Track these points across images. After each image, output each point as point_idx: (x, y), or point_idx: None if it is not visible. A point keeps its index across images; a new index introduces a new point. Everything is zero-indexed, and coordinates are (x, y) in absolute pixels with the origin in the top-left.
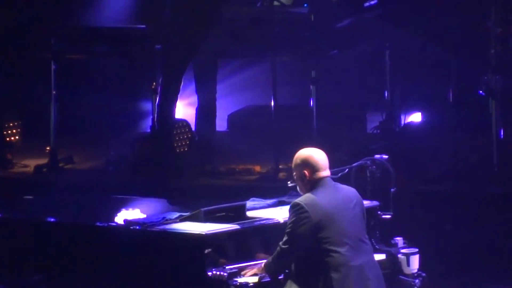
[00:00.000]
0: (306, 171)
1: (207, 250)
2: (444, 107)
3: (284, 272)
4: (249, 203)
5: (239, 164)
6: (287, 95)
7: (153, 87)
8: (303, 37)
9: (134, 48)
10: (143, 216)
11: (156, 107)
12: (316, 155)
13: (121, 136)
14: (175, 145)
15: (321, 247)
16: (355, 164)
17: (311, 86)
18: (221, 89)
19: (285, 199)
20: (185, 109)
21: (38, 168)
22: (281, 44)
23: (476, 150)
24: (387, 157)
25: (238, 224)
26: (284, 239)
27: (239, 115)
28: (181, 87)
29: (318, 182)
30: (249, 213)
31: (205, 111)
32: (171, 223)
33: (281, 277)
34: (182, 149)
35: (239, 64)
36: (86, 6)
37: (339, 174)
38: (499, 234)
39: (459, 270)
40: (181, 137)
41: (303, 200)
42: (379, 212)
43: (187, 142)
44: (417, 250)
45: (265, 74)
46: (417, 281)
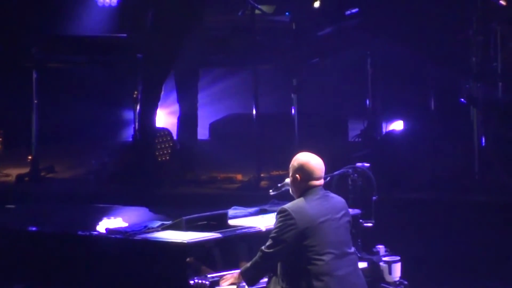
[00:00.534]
0: (299, 176)
1: (188, 259)
2: (426, 115)
3: (261, 279)
4: (231, 212)
5: (221, 172)
6: (268, 103)
7: (134, 96)
8: (285, 45)
9: (115, 57)
10: (125, 225)
11: (137, 116)
12: (313, 162)
13: (102, 145)
14: (157, 153)
15: (305, 255)
16: (336, 173)
17: (292, 95)
18: (202, 97)
19: (267, 207)
20: (167, 118)
21: (20, 177)
22: (262, 52)
23: (457, 158)
24: (368, 165)
25: (220, 233)
26: (268, 243)
27: (220, 123)
28: (161, 95)
29: (309, 189)
30: (231, 222)
31: (187, 120)
32: (153, 231)
33: (259, 286)
34: (163, 158)
35: (220, 73)
36: (67, 15)
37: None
38: (480, 242)
39: (441, 278)
40: (162, 145)
41: (291, 206)
42: (360, 220)
43: (169, 151)
44: (399, 258)
45: (246, 82)
46: None
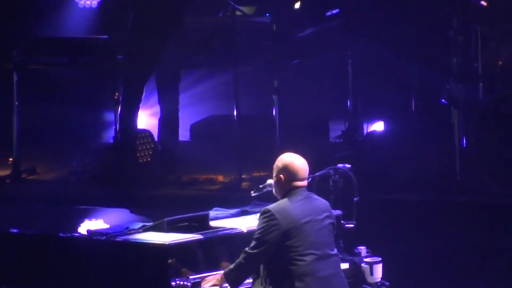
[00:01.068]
0: (283, 176)
1: (170, 260)
2: (407, 116)
3: (244, 281)
4: (212, 213)
5: (202, 174)
6: (249, 104)
7: (115, 97)
8: (266, 46)
9: (96, 59)
10: (106, 226)
11: (119, 117)
12: (297, 163)
13: (84, 147)
14: (138, 155)
15: (287, 255)
16: (318, 174)
17: (273, 96)
18: (184, 99)
19: (248, 208)
20: (148, 119)
21: (1, 179)
22: (243, 54)
23: (438, 159)
24: (350, 166)
25: (201, 234)
26: (252, 244)
27: (201, 125)
28: (143, 97)
29: (292, 190)
30: (212, 223)
31: (168, 121)
32: (134, 233)
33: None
34: (145, 159)
35: (201, 74)
36: (48, 17)
37: None
38: (461, 243)
39: (422, 278)
40: (143, 147)
41: (274, 207)
42: (342, 221)
43: (150, 152)
44: (380, 259)
45: (227, 84)
46: None
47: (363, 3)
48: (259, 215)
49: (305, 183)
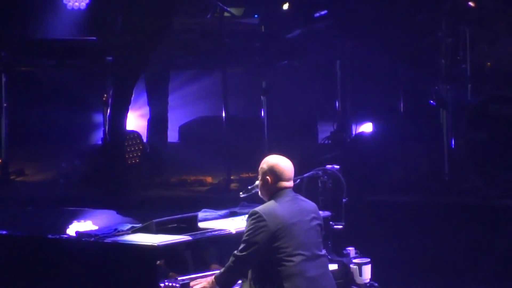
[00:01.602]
0: (270, 178)
1: (159, 262)
2: (395, 117)
3: (235, 284)
4: (200, 214)
5: (191, 175)
6: (238, 106)
7: (104, 99)
8: (254, 48)
9: (85, 60)
10: (95, 228)
11: (107, 119)
12: (283, 164)
13: (72, 148)
14: (127, 156)
15: (275, 256)
16: (306, 175)
17: (262, 97)
18: (172, 100)
19: (236, 210)
20: (137, 121)
21: None
22: (232, 55)
23: (427, 160)
24: (338, 167)
25: (190, 235)
26: (241, 247)
27: (190, 126)
28: (132, 98)
29: (279, 191)
30: (201, 224)
31: (157, 123)
32: (123, 234)
33: None
34: (133, 161)
35: (190, 76)
36: (36, 19)
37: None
38: (450, 243)
39: (411, 279)
40: (132, 148)
41: (262, 209)
42: (331, 223)
43: (139, 154)
44: (369, 260)
45: (216, 85)
46: None
47: (351, 4)
48: (247, 217)
49: (291, 183)
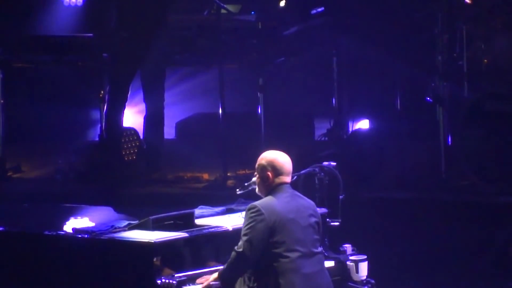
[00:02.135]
0: (270, 173)
1: (156, 258)
2: (392, 114)
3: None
4: (197, 211)
5: (187, 172)
6: (235, 102)
7: (101, 95)
8: (251, 44)
9: (81, 57)
10: (91, 224)
11: (104, 115)
12: (282, 159)
13: (69, 145)
14: (123, 153)
15: (272, 251)
16: (303, 172)
17: (258, 94)
18: (169, 96)
19: (233, 207)
20: (134, 117)
21: None
22: (228, 52)
23: (423, 157)
24: (335, 164)
25: (186, 232)
26: (241, 242)
27: (187, 123)
28: (128, 95)
29: (278, 186)
30: (198, 221)
31: (153, 119)
32: (119, 231)
33: None
34: (130, 157)
35: (187, 72)
36: (33, 15)
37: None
38: (446, 241)
39: (408, 276)
40: (129, 145)
41: (260, 203)
42: (327, 219)
43: (135, 150)
44: (365, 257)
45: (212, 81)
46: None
47: (348, 1)
48: (245, 211)
49: (289, 179)
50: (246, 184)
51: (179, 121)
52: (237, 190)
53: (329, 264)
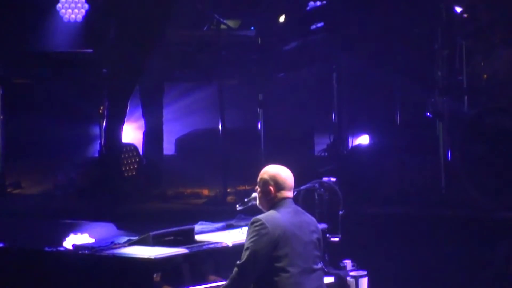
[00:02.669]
0: (272, 188)
1: (155, 274)
2: (392, 129)
3: None
4: (197, 227)
5: (187, 187)
6: (234, 118)
7: (100, 111)
8: (250, 60)
9: (81, 72)
10: (91, 240)
11: (103, 131)
12: (284, 174)
13: (69, 161)
14: (123, 169)
15: (274, 265)
16: (303, 187)
17: (258, 109)
18: (169, 112)
19: (233, 222)
20: (134, 133)
21: None
22: (228, 67)
23: (423, 172)
24: (335, 179)
25: (187, 248)
26: (243, 255)
27: (187, 138)
28: (127, 110)
29: (280, 201)
30: (198, 237)
31: (152, 135)
32: (119, 247)
33: None
34: (130, 173)
35: (186, 88)
36: (33, 31)
37: None
38: (446, 257)
39: None
40: (129, 161)
41: (264, 216)
42: (327, 235)
43: (135, 166)
44: (366, 272)
45: (212, 97)
46: None
47: (347, 17)
48: (249, 224)
49: (291, 193)
50: (246, 200)
51: (179, 136)
52: (237, 205)
53: (329, 279)
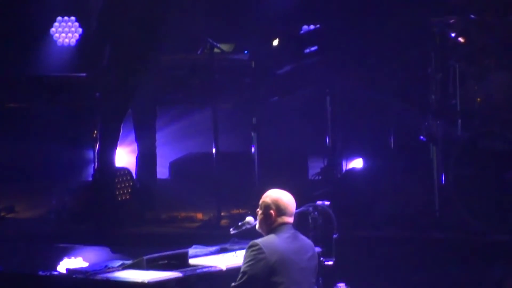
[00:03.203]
0: (273, 212)
1: None
2: (385, 153)
3: None
4: (191, 251)
5: (181, 211)
6: (228, 142)
7: (94, 135)
8: (244, 84)
9: (75, 96)
10: (85, 264)
11: (96, 155)
12: (286, 199)
13: (63, 185)
14: (117, 193)
15: None
16: (297, 211)
17: (252, 133)
18: (162, 136)
19: (227, 246)
20: (127, 157)
21: None
22: (222, 91)
23: (417, 196)
24: (329, 203)
25: (180, 272)
26: (239, 278)
27: (180, 162)
28: (120, 134)
29: (280, 226)
30: (192, 261)
31: (145, 159)
32: (113, 271)
33: None
34: (123, 197)
35: (180, 111)
36: (27, 55)
37: None
38: (440, 280)
39: None
40: (122, 185)
41: (262, 241)
42: (321, 258)
43: (129, 190)
44: None
45: (206, 121)
46: None
47: (341, 40)
48: (246, 248)
49: (292, 219)
50: (240, 223)
51: (173, 160)
52: (231, 229)
53: None
